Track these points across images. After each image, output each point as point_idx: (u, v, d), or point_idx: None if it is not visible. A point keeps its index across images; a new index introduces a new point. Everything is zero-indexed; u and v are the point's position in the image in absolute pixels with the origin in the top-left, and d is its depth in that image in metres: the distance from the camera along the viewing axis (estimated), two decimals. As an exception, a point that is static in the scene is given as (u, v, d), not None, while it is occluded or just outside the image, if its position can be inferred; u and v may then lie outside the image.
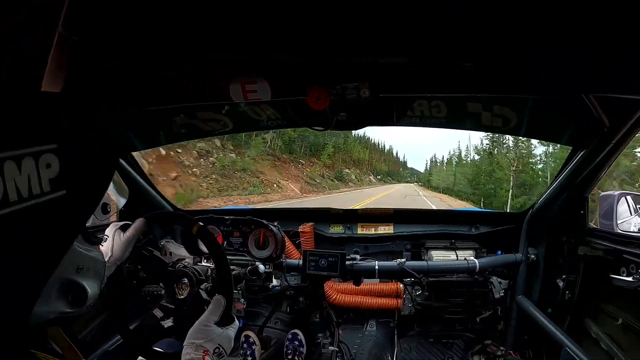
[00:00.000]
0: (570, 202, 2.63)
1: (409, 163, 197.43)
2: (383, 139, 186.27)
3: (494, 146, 53.55)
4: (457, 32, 1.46)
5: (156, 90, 1.93)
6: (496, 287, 2.99)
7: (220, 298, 1.62)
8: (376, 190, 61.04)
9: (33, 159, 0.69)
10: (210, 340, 1.52)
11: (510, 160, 46.01)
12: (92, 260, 1.32)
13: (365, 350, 3.07)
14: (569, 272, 2.65)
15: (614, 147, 2.09)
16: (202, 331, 1.54)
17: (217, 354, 1.53)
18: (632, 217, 2.80)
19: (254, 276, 2.37)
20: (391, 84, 1.87)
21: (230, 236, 2.61)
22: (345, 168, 68.07)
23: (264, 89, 1.84)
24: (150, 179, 2.99)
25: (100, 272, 1.35)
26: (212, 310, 1.60)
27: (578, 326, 2.52)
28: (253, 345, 2.76)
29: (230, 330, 1.63)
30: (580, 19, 1.28)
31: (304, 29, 1.49)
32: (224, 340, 1.57)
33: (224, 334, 1.59)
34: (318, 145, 54.88)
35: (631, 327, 2.06)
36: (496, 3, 1.24)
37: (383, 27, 1.45)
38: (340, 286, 3.14)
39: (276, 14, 1.36)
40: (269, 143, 41.56)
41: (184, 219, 1.81)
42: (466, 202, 47.08)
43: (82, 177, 0.84)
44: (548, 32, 1.39)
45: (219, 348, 1.54)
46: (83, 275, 1.26)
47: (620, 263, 2.08)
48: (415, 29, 1.46)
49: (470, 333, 3.27)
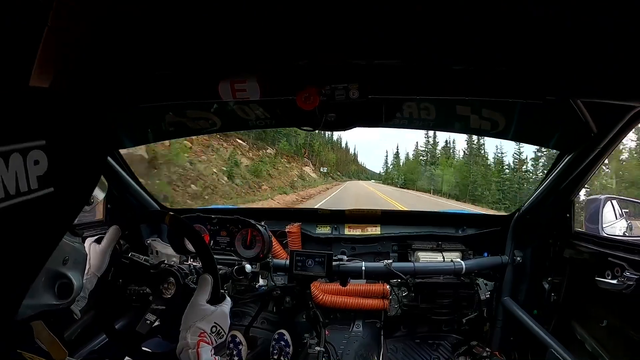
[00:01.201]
0: (556, 206, 2.64)
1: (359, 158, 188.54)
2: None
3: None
4: (449, 35, 1.46)
5: (146, 88, 1.92)
6: (482, 288, 3.01)
7: (206, 276, 1.60)
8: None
9: (21, 155, 0.68)
10: (204, 319, 1.50)
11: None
12: (76, 252, 1.31)
13: (352, 351, 3.07)
14: (555, 274, 2.68)
15: (601, 152, 2.10)
16: (195, 312, 1.52)
17: (216, 333, 1.51)
18: (617, 221, 2.83)
19: (240, 276, 2.36)
20: (380, 85, 1.87)
21: (217, 235, 2.60)
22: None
23: (253, 88, 1.83)
24: (137, 177, 2.97)
25: (83, 263, 1.35)
26: (201, 290, 1.58)
27: (563, 328, 2.54)
28: (240, 345, 2.76)
29: (224, 306, 1.60)
30: (568, 26, 1.29)
31: (297, 30, 1.49)
32: (219, 318, 1.54)
33: (218, 311, 1.56)
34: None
35: (616, 329, 2.08)
36: (486, 8, 1.24)
37: (376, 29, 1.45)
38: (327, 286, 3.13)
39: (268, 15, 1.35)
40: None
41: (155, 214, 1.80)
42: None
43: (71, 174, 0.83)
44: (537, 37, 1.39)
45: (216, 327, 1.51)
46: (68, 266, 1.25)
47: (605, 266, 2.10)
48: (408, 32, 1.46)
49: (457, 334, 3.29)
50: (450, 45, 1.55)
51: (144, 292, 1.85)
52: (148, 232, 2.95)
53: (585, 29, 1.28)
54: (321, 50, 1.68)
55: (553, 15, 1.22)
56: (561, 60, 1.54)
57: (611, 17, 1.18)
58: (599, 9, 1.16)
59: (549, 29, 1.31)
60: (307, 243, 3.33)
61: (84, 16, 1.12)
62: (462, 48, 1.55)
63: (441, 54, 1.64)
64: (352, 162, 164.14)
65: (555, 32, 1.33)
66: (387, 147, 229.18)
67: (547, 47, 1.46)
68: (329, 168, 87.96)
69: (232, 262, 2.46)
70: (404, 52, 1.64)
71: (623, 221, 2.95)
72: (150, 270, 1.86)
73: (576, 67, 1.56)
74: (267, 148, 40.92)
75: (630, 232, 2.89)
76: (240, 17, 1.36)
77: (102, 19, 1.22)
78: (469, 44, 1.51)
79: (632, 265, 1.93)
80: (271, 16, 1.36)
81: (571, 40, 1.37)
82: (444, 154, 79.75)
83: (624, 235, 2.69)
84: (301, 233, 3.30)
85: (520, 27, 1.34)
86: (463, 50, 1.57)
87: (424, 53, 1.63)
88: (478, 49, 1.54)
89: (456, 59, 1.69)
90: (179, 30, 1.43)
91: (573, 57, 1.49)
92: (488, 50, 1.55)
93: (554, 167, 2.51)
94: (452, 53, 1.62)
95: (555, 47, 1.45)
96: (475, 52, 1.57)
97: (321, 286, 3.12)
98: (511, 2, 1.20)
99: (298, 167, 52.37)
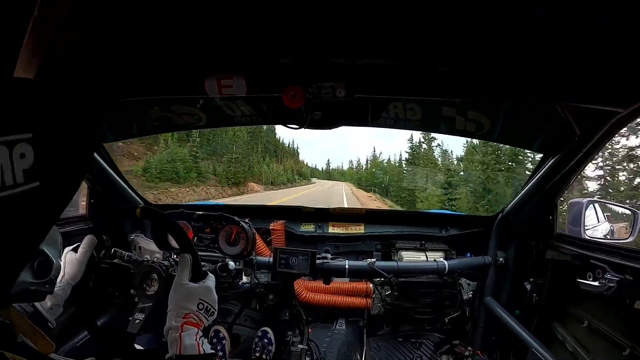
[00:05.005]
0: (540, 208, 2.66)
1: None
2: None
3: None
4: (434, 35, 1.46)
5: (131, 82, 1.90)
6: (465, 288, 3.03)
7: (185, 255, 1.59)
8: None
9: (7, 148, 0.66)
10: (187, 297, 1.48)
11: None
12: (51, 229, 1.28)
13: (335, 349, 3.07)
14: (537, 275, 2.70)
15: (584, 155, 2.12)
16: (177, 292, 1.51)
17: (204, 310, 1.49)
18: (599, 224, 2.86)
19: (224, 273, 2.34)
20: (367, 84, 1.87)
21: (201, 232, 2.58)
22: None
23: (239, 85, 1.83)
24: (121, 172, 2.94)
25: (59, 241, 1.31)
26: (181, 269, 1.57)
27: (545, 328, 2.56)
28: (223, 340, 2.76)
29: (207, 282, 1.59)
30: (553, 28, 1.29)
31: (284, 29, 1.49)
32: (203, 294, 1.52)
33: (201, 287, 1.54)
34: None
35: (596, 329, 2.10)
36: (471, 8, 1.25)
37: (361, 28, 1.44)
38: (310, 284, 3.14)
39: (255, 12, 1.35)
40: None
41: (126, 210, 1.78)
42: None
43: (57, 168, 0.82)
44: (522, 39, 1.40)
45: (203, 303, 1.50)
46: (45, 243, 1.23)
47: (586, 268, 2.12)
48: (393, 32, 1.46)
49: (439, 333, 3.31)
50: (439, 46, 1.56)
51: (129, 294, 1.84)
52: (131, 228, 2.94)
53: (583, 31, 1.29)
54: (308, 49, 1.68)
55: (553, 15, 1.23)
56: (545, 62, 1.55)
57: (611, 17, 1.19)
58: (599, 10, 1.17)
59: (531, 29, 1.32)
60: (291, 241, 3.32)
61: (72, 8, 1.10)
62: (454, 48, 1.56)
63: (429, 54, 1.65)
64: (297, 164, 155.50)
65: (537, 33, 1.34)
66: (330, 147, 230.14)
67: (530, 48, 1.47)
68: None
69: (215, 259, 2.44)
70: (391, 51, 1.64)
71: (605, 224, 2.98)
72: (131, 271, 1.83)
73: (560, 70, 1.58)
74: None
75: (611, 235, 2.92)
76: (228, 14, 1.35)
77: (89, 11, 1.21)
78: (461, 44, 1.52)
79: (613, 268, 1.95)
80: (259, 13, 1.35)
81: (565, 42, 1.38)
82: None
83: (606, 238, 2.71)
84: (285, 231, 3.30)
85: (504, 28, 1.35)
86: (455, 49, 1.58)
87: (411, 52, 1.64)
88: (474, 49, 1.55)
89: (444, 59, 1.69)
90: (166, 24, 1.42)
91: (556, 59, 1.50)
92: (482, 51, 1.56)
93: (538, 169, 2.53)
94: (440, 53, 1.63)
95: (539, 49, 1.46)
96: (469, 52, 1.58)
97: (304, 284, 3.12)
98: (511, 2, 1.21)
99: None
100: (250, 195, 45.01)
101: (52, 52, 1.08)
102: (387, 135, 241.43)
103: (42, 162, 0.74)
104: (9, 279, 0.82)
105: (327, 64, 1.80)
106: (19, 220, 0.74)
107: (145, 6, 1.27)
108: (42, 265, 1.19)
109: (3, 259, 0.74)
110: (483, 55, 1.61)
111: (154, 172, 32.37)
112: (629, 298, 1.82)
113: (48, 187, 0.77)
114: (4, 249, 0.73)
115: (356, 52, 1.66)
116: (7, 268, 0.78)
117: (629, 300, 1.81)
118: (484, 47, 1.53)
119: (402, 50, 1.63)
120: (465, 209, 31.38)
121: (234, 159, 50.04)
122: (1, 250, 0.73)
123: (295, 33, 1.53)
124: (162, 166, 32.83)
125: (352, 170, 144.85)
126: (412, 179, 50.15)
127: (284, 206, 3.62)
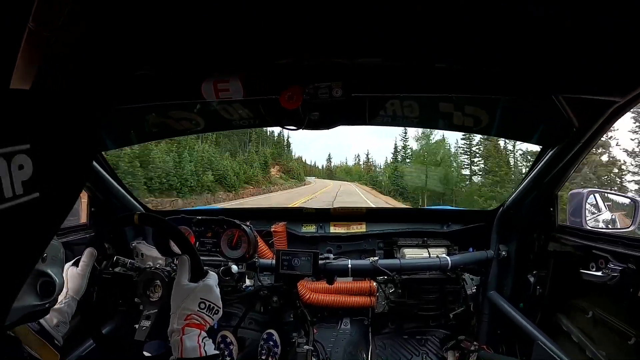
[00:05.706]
0: (540, 200, 2.67)
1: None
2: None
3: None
4: (434, 35, 1.46)
5: (128, 89, 1.90)
6: (468, 283, 3.03)
7: (183, 257, 1.59)
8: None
9: (5, 160, 0.65)
10: (188, 297, 1.48)
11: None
12: (53, 248, 1.27)
13: (340, 349, 3.07)
14: (540, 267, 2.70)
15: (583, 146, 2.12)
16: (178, 293, 1.51)
17: (207, 309, 1.49)
18: (600, 214, 2.86)
19: (227, 277, 2.34)
20: (364, 83, 1.87)
21: (202, 236, 2.58)
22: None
23: (236, 88, 1.83)
24: (120, 179, 2.94)
25: (61, 259, 1.31)
26: (180, 271, 1.57)
27: (549, 320, 2.56)
28: (231, 345, 2.75)
29: (208, 280, 1.59)
30: (549, 22, 1.29)
31: (280, 30, 1.49)
32: (204, 293, 1.52)
33: (201, 286, 1.54)
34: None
35: (601, 320, 2.10)
36: (471, 8, 1.25)
37: (362, 28, 1.45)
38: (313, 285, 3.13)
39: (256, 14, 1.35)
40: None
41: (124, 217, 1.78)
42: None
43: (57, 179, 0.81)
44: (518, 34, 1.40)
45: (205, 302, 1.49)
46: (48, 264, 1.22)
47: (589, 258, 2.12)
48: (393, 32, 1.46)
49: (444, 329, 3.31)
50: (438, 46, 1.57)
51: (134, 303, 1.83)
52: (133, 234, 2.93)
53: (579, 27, 1.29)
54: (308, 49, 1.68)
55: (553, 15, 1.23)
56: (542, 56, 1.55)
57: (611, 16, 1.20)
58: (598, 9, 1.17)
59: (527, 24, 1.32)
60: (293, 242, 3.32)
61: (67, 15, 1.10)
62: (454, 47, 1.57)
63: (429, 53, 1.65)
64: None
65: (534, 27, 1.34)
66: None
67: (526, 43, 1.47)
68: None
69: (218, 263, 2.44)
70: (391, 51, 1.64)
71: (606, 214, 2.97)
72: (133, 280, 1.83)
73: (557, 63, 1.58)
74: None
75: (613, 225, 2.91)
76: (229, 15, 1.35)
77: (85, 18, 1.21)
78: (461, 44, 1.52)
79: (616, 257, 1.95)
80: (259, 14, 1.35)
81: (563, 39, 1.38)
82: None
83: (608, 228, 2.71)
84: (287, 232, 3.28)
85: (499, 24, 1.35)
86: (455, 49, 1.58)
87: (411, 52, 1.64)
88: (474, 49, 1.56)
89: (444, 59, 1.70)
90: (162, 29, 1.42)
91: (553, 52, 1.50)
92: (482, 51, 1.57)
93: (537, 162, 2.53)
94: (440, 52, 1.64)
95: (535, 43, 1.46)
96: (469, 52, 1.59)
97: (308, 285, 3.12)
98: (511, 2, 1.21)
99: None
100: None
101: (51, 53, 1.08)
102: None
103: (41, 173, 0.73)
104: (11, 292, 0.82)
105: (325, 63, 1.81)
106: (20, 231, 0.74)
107: (144, 6, 1.27)
108: (46, 286, 1.19)
109: (5, 272, 0.74)
110: (483, 55, 1.61)
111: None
112: (632, 287, 1.82)
113: (48, 197, 0.77)
114: (6, 262, 0.73)
115: (356, 51, 1.67)
116: (10, 281, 0.78)
117: (633, 289, 1.81)
118: (484, 47, 1.53)
119: (402, 50, 1.64)
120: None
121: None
122: (3, 263, 0.72)
123: (296, 33, 1.53)
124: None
125: (359, 167, 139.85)
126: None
127: (285, 208, 3.63)
